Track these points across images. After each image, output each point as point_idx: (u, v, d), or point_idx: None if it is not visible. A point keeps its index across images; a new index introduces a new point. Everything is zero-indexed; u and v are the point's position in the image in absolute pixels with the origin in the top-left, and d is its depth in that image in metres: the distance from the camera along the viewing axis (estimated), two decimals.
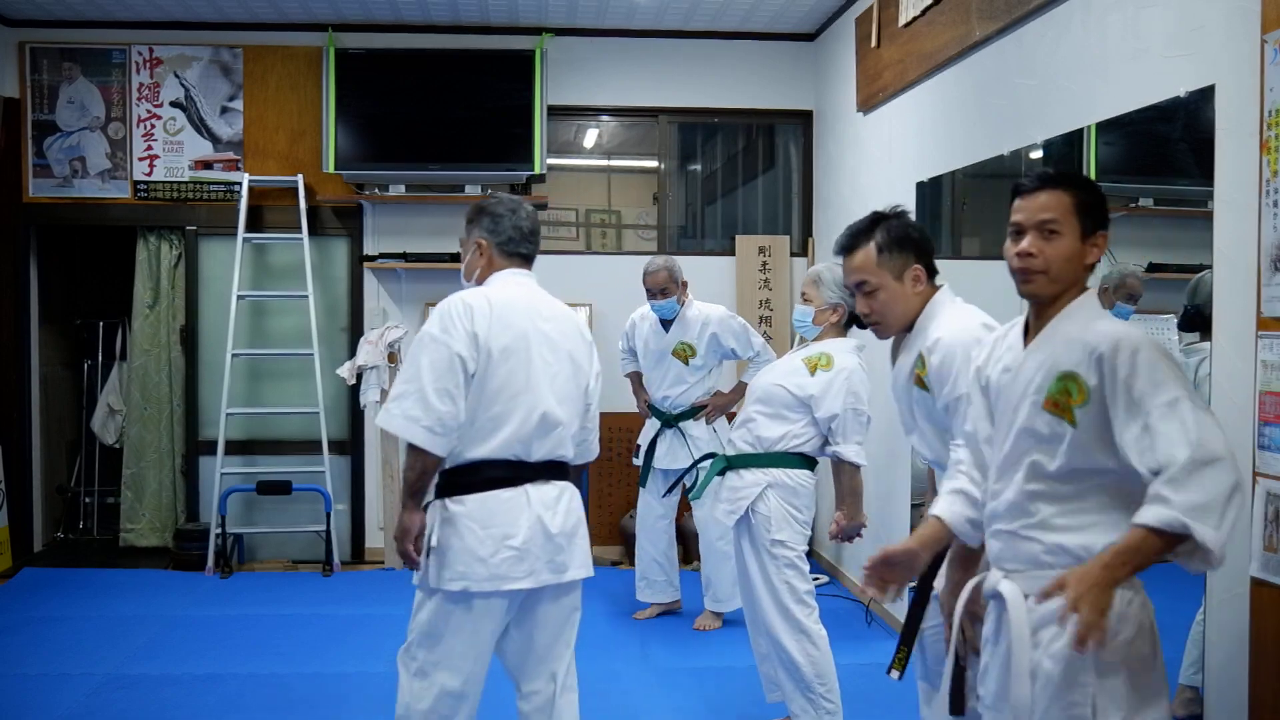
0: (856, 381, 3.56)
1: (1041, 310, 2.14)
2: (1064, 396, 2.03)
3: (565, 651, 2.99)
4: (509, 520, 2.78)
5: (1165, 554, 1.90)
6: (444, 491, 2.82)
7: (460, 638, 2.80)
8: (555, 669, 2.95)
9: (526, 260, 2.99)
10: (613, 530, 6.52)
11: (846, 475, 3.59)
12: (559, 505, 2.87)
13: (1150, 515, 1.87)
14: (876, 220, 2.63)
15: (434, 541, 2.78)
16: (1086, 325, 2.05)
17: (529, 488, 2.82)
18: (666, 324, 5.05)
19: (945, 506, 2.31)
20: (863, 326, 3.73)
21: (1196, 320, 3.39)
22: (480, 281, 2.96)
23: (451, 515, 2.78)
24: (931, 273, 2.64)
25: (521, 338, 2.80)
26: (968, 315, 2.58)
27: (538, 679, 2.95)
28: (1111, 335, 2.00)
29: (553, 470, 2.89)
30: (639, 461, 5.18)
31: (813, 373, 3.59)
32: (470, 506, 2.78)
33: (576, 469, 3.07)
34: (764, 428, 3.66)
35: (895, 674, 2.69)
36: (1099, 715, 1.99)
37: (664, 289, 4.95)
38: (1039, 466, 2.08)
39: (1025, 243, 2.10)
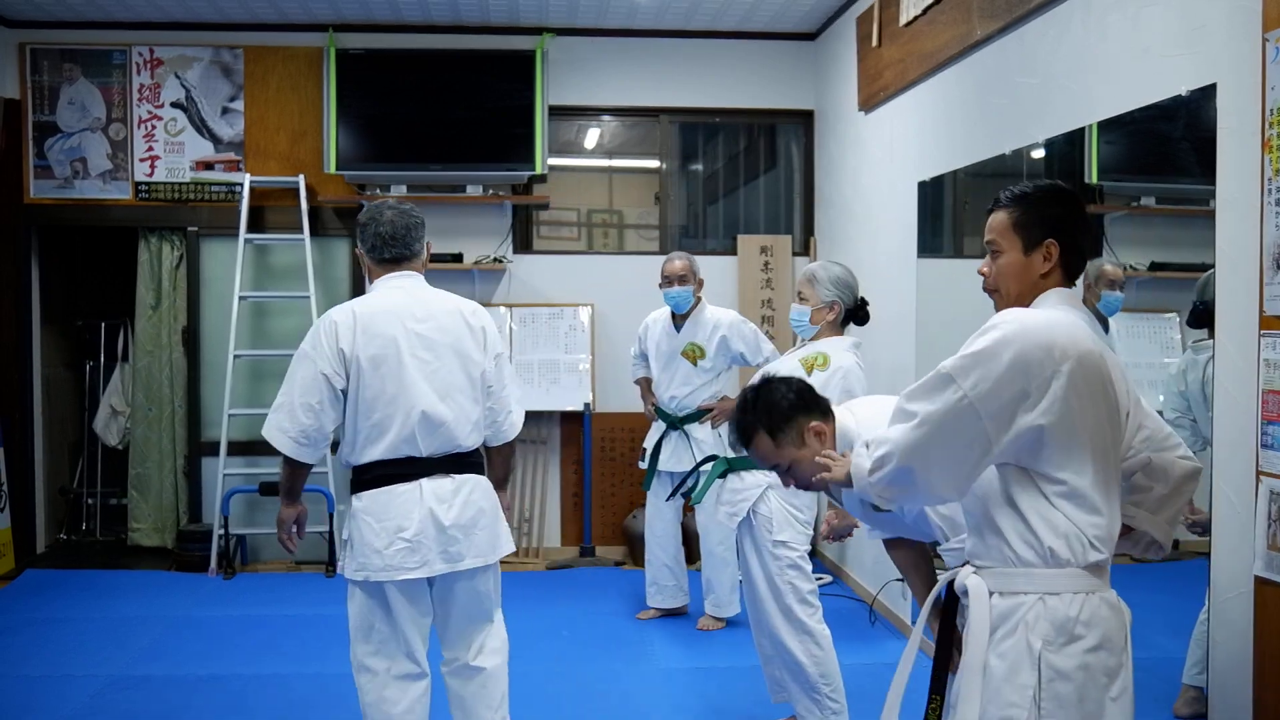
0: (853, 380, 3.56)
1: None
2: None
3: (485, 625, 3.19)
4: (402, 514, 2.97)
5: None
6: (352, 488, 3.06)
7: (381, 624, 3.03)
8: (472, 641, 3.16)
9: (398, 262, 3.13)
10: (616, 530, 6.52)
11: None
12: (455, 498, 3.02)
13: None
14: (754, 404, 2.49)
15: (344, 535, 3.06)
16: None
17: (424, 482, 2.99)
18: (679, 325, 5.07)
19: None
20: (860, 323, 3.73)
21: (1205, 317, 3.39)
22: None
23: (354, 510, 3.03)
24: (826, 412, 2.51)
25: (390, 344, 2.98)
26: (879, 406, 2.50)
27: (456, 648, 3.17)
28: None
29: (451, 463, 3.04)
30: (645, 465, 5.18)
31: (809, 373, 3.59)
32: (367, 502, 3.01)
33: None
34: None
35: None
36: (1044, 713, 1.96)
37: (681, 277, 4.96)
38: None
39: (981, 264, 2.26)
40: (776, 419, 2.45)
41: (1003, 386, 1.95)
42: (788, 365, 3.70)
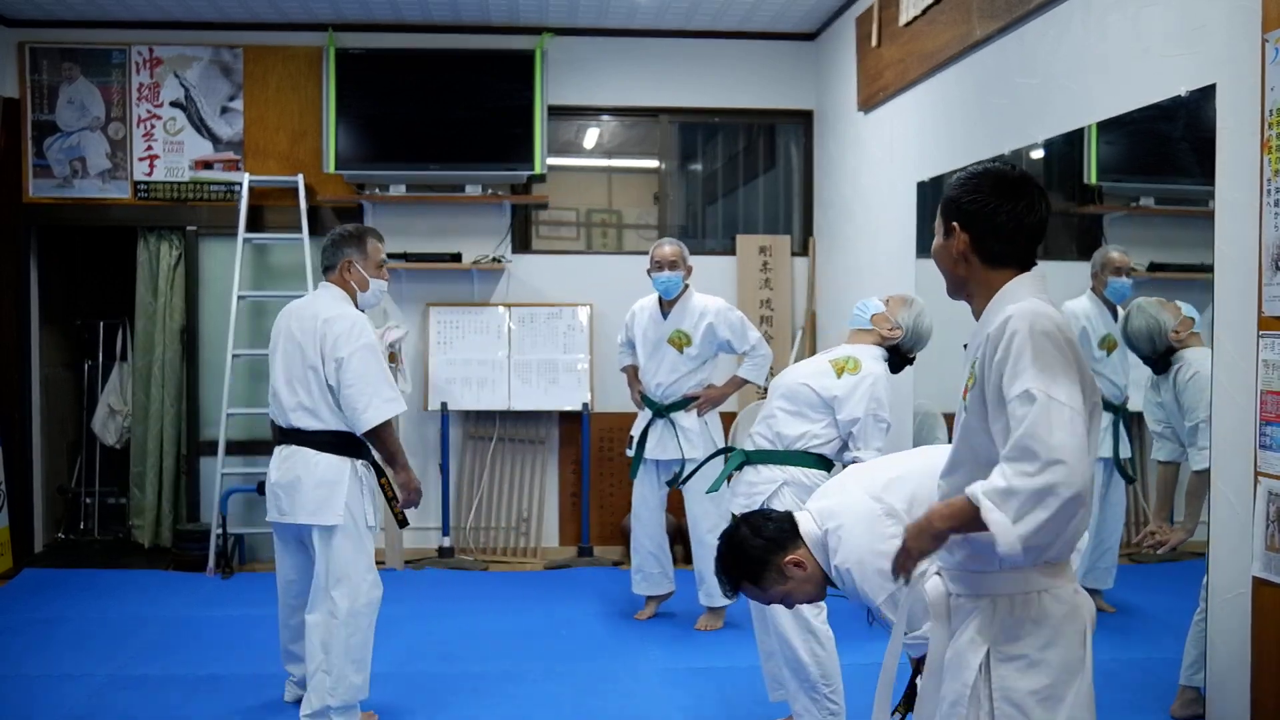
0: (880, 388, 3.59)
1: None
2: (968, 382, 2.07)
3: (324, 588, 3.73)
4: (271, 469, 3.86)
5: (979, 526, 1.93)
6: None
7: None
8: (315, 596, 3.76)
9: (324, 273, 3.90)
10: (614, 530, 6.51)
11: None
12: (283, 464, 3.76)
13: (974, 484, 1.92)
14: (729, 556, 2.57)
15: None
16: (997, 312, 2.05)
17: (280, 448, 3.81)
18: (666, 311, 5.06)
19: None
20: (894, 369, 3.73)
21: (1160, 362, 3.47)
22: None
23: None
24: (798, 536, 2.55)
25: (276, 335, 3.85)
26: (840, 497, 2.55)
27: (316, 605, 3.76)
28: (1002, 315, 1.99)
29: (295, 435, 3.74)
30: (631, 453, 5.18)
31: (839, 375, 3.62)
32: None
33: (369, 437, 3.73)
34: (784, 424, 3.67)
35: None
36: (996, 710, 1.98)
37: (672, 262, 4.96)
38: (949, 460, 2.13)
39: None
40: (753, 566, 2.50)
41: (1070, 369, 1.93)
42: (817, 365, 3.71)
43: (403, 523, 3.96)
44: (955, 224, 2.11)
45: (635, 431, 5.17)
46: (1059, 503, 1.83)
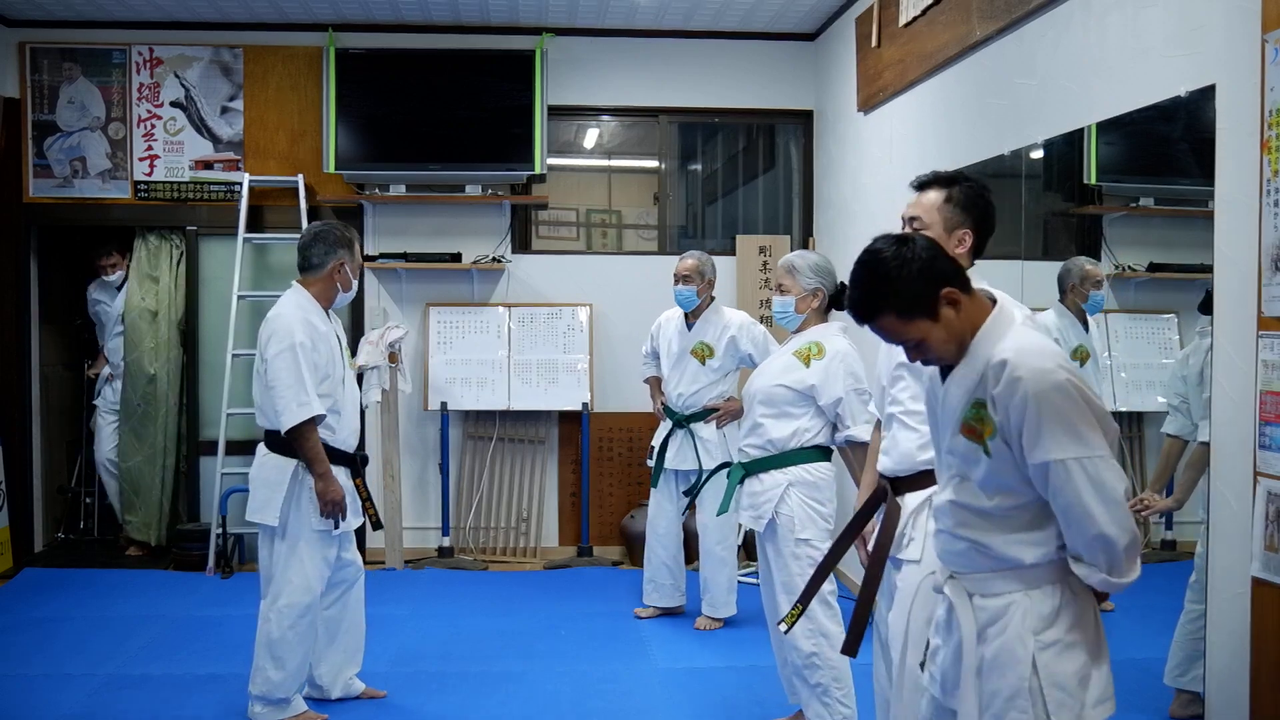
0: (853, 362, 3.57)
1: None
2: (978, 423, 2.12)
3: (264, 580, 3.90)
4: None
5: None
6: None
7: None
8: (263, 592, 3.89)
9: (300, 272, 3.95)
10: (613, 530, 6.52)
11: (863, 456, 3.57)
12: (254, 463, 3.88)
13: (1092, 579, 2.08)
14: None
15: None
16: (991, 348, 2.10)
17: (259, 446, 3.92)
18: (690, 323, 5.09)
19: None
20: (840, 308, 3.71)
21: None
22: None
23: None
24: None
25: None
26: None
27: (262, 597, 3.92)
28: (1007, 371, 2.04)
29: (264, 435, 3.85)
30: (652, 462, 5.19)
31: (807, 364, 3.59)
32: None
33: (289, 438, 3.75)
34: (773, 430, 3.64)
35: (783, 627, 3.16)
36: (1047, 697, 2.07)
37: (686, 276, 5.02)
38: (965, 482, 2.19)
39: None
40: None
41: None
42: (783, 362, 3.69)
43: (376, 525, 3.98)
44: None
45: (656, 442, 5.20)
46: (1124, 557, 2.04)
